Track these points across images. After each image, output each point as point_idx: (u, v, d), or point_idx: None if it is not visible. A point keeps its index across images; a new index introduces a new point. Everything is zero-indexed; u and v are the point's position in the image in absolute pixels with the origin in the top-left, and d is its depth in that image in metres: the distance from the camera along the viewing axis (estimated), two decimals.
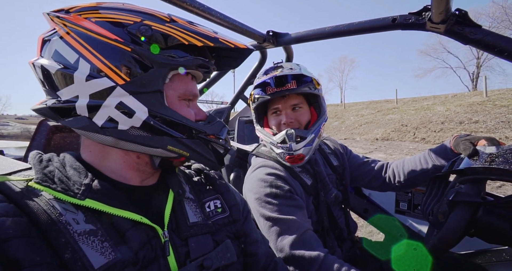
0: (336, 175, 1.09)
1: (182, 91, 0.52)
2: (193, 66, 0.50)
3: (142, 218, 0.45)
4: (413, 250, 1.04)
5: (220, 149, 0.55)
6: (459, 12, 0.79)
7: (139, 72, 0.45)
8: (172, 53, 0.47)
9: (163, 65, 0.46)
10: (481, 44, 0.81)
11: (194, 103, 0.57)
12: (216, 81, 1.64)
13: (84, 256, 0.38)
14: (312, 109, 1.02)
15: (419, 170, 1.01)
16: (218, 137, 0.53)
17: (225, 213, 0.61)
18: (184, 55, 0.48)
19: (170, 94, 0.50)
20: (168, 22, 0.48)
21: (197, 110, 0.56)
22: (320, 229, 0.97)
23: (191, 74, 0.55)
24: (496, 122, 7.74)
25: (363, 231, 2.53)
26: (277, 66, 1.00)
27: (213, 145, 0.53)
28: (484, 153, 0.70)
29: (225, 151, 0.56)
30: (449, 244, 0.69)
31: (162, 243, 0.47)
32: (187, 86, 0.53)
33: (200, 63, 0.51)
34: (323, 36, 1.17)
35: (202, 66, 0.52)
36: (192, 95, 0.54)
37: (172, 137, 0.48)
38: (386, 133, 9.80)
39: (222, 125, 0.56)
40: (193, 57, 0.49)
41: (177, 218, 0.52)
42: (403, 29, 0.98)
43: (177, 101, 0.51)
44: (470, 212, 0.66)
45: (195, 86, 0.56)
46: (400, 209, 1.41)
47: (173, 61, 0.47)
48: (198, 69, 0.53)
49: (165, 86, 0.49)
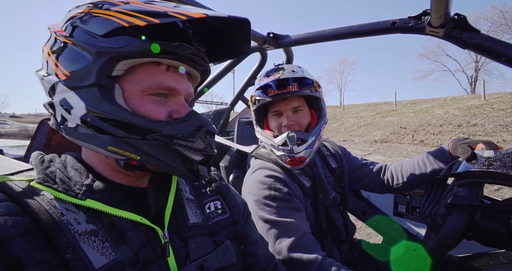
0: (334, 177, 1.10)
1: (147, 85, 0.44)
2: (143, 53, 0.41)
3: (142, 218, 0.45)
4: (413, 251, 1.04)
5: (192, 154, 0.44)
6: (458, 17, 0.80)
7: (79, 65, 0.42)
8: (115, 40, 0.41)
9: (100, 54, 0.41)
10: (479, 49, 0.82)
11: (176, 100, 0.48)
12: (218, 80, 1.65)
13: (85, 256, 0.38)
14: (312, 111, 1.02)
15: (417, 172, 1.01)
16: (186, 139, 0.43)
17: (225, 214, 0.61)
18: (130, 42, 0.41)
19: (129, 88, 0.44)
20: (118, 5, 0.42)
21: (177, 107, 0.47)
22: (318, 231, 0.97)
23: (167, 65, 0.46)
24: (494, 126, 7.78)
25: (361, 233, 2.54)
26: (278, 68, 1.00)
27: (179, 149, 0.43)
28: (482, 157, 0.71)
29: (205, 158, 0.46)
30: (447, 247, 0.69)
31: (162, 244, 0.46)
32: (154, 79, 0.45)
33: (148, 48, 0.41)
34: (323, 38, 1.18)
35: (163, 52, 0.42)
36: (165, 89, 0.46)
37: (115, 136, 0.42)
38: (385, 135, 9.83)
39: (198, 125, 0.45)
40: (140, 42, 0.41)
41: (177, 218, 0.52)
42: (402, 32, 0.99)
43: (139, 97, 0.44)
44: (468, 215, 0.66)
45: (173, 79, 0.46)
46: (398, 211, 1.41)
47: (111, 49, 0.40)
48: (161, 56, 0.43)
49: (123, 79, 0.43)
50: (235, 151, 1.38)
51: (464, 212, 0.66)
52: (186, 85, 0.49)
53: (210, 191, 0.63)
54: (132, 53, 0.41)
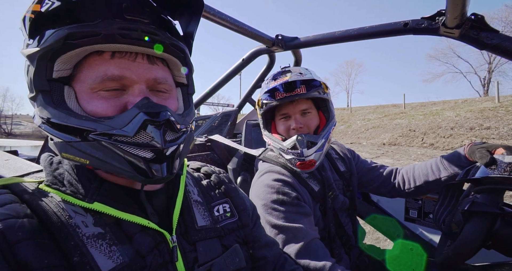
0: (343, 180, 1.07)
1: (91, 80, 0.39)
2: (60, 43, 0.36)
3: (149, 222, 0.44)
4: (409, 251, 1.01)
5: (139, 151, 0.38)
6: (475, 17, 0.78)
7: (28, 75, 0.40)
8: (41, 38, 0.37)
9: (31, 58, 0.38)
10: (498, 50, 0.79)
11: (133, 89, 0.41)
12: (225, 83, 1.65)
13: (93, 259, 0.37)
14: (320, 113, 1.01)
15: (430, 177, 0.98)
16: (122, 134, 0.37)
17: (234, 218, 0.59)
18: (48, 35, 0.37)
19: (79, 88, 0.40)
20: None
21: (132, 98, 0.41)
22: (327, 236, 0.95)
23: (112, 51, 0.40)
24: (508, 129, 7.51)
25: (369, 237, 2.48)
26: (285, 71, 0.99)
27: (121, 146, 0.37)
28: (503, 162, 0.68)
29: (156, 154, 0.39)
30: (464, 257, 0.66)
31: (170, 248, 0.46)
32: (98, 71, 0.39)
33: (67, 34, 0.36)
34: (333, 40, 1.16)
35: (80, 35, 0.36)
36: (111, 80, 0.39)
37: (63, 141, 0.39)
38: (393, 138, 9.64)
39: (135, 113, 0.38)
40: (55, 31, 0.36)
41: (185, 221, 0.51)
42: (415, 34, 0.97)
43: (88, 95, 0.40)
44: (487, 223, 0.63)
45: (118, 66, 0.40)
46: (410, 216, 1.37)
47: (35, 48, 0.37)
48: (84, 42, 0.37)
49: (74, 80, 0.40)
50: (242, 153, 1.38)
51: (484, 219, 0.63)
52: (141, 69, 0.42)
53: (219, 193, 0.62)
54: (52, 47, 0.37)
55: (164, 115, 0.39)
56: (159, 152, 0.39)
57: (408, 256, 0.94)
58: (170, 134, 0.41)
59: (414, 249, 0.95)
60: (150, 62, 0.43)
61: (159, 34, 0.42)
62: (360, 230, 1.11)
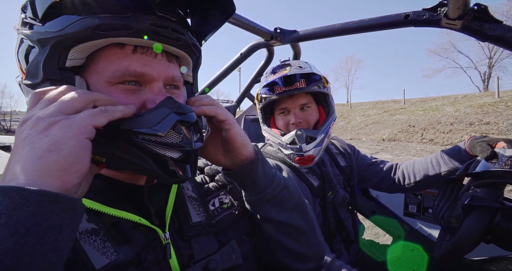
0: (343, 175, 1.07)
1: (110, 73, 0.38)
2: (87, 33, 0.35)
3: (140, 219, 0.43)
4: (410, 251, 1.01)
5: (166, 151, 0.36)
6: (478, 7, 0.76)
7: (30, 59, 0.37)
8: (55, 23, 0.35)
9: (42, 42, 0.36)
10: (501, 41, 0.77)
11: (151, 87, 0.41)
12: (223, 78, 1.63)
13: (85, 255, 0.36)
14: (320, 108, 1.00)
15: (430, 171, 0.97)
16: (152, 133, 0.36)
17: (233, 208, 0.58)
18: (70, 21, 0.35)
19: (94, 80, 0.38)
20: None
21: (151, 96, 0.40)
22: (327, 232, 0.94)
23: (134, 45, 0.39)
24: (508, 124, 7.52)
25: (368, 232, 2.49)
26: (285, 64, 0.98)
27: (147, 145, 0.36)
28: (504, 156, 0.67)
29: (184, 154, 0.38)
30: (463, 251, 0.66)
31: (163, 245, 0.44)
32: (118, 65, 0.38)
33: (97, 24, 0.34)
34: (332, 33, 1.14)
35: (110, 27, 0.35)
36: (132, 76, 0.39)
37: None
38: (393, 134, 9.64)
39: (167, 113, 0.37)
40: (82, 18, 0.35)
41: (179, 218, 0.50)
42: (416, 26, 0.95)
43: (104, 88, 0.38)
44: (487, 218, 0.62)
45: (140, 62, 0.39)
46: (409, 211, 1.37)
47: (51, 34, 0.35)
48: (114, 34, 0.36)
49: (87, 70, 0.39)
50: None
51: (483, 214, 0.63)
52: (161, 67, 0.41)
53: (214, 186, 0.61)
54: (76, 35, 0.35)
55: (192, 116, 0.40)
56: (188, 152, 0.39)
57: (409, 257, 0.94)
58: (195, 135, 0.41)
59: (415, 250, 0.95)
60: (168, 60, 0.43)
61: (185, 34, 0.42)
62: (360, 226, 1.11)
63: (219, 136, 0.52)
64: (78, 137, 0.30)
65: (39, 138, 0.29)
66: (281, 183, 0.54)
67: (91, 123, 0.32)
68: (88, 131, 0.31)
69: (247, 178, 0.52)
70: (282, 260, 0.57)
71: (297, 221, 0.55)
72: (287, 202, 0.54)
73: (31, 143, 0.29)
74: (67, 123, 0.30)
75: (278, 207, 0.54)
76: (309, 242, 0.57)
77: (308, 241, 0.57)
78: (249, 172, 0.51)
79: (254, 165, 0.51)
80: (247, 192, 0.55)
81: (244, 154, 0.50)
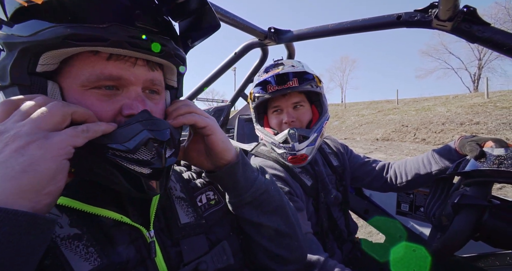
0: (336, 175, 1.07)
1: (85, 77, 0.36)
2: (59, 41, 0.33)
3: (122, 217, 0.41)
4: (412, 252, 1.02)
5: (136, 167, 0.36)
6: (468, 9, 0.77)
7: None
8: (24, 26, 0.33)
9: (9, 46, 0.34)
10: (489, 43, 0.78)
11: (129, 91, 0.39)
12: (217, 78, 1.62)
13: (66, 262, 0.35)
14: (313, 107, 1.00)
15: (422, 171, 0.99)
16: (124, 150, 0.35)
17: (220, 204, 0.58)
18: (42, 27, 0.33)
19: (67, 84, 0.37)
20: None
21: (129, 101, 0.39)
22: (320, 231, 0.95)
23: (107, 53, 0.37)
24: (497, 124, 7.71)
25: (362, 231, 2.52)
26: (277, 64, 0.98)
27: (118, 160, 0.35)
28: (492, 155, 0.68)
29: (154, 171, 0.37)
30: (453, 248, 0.67)
31: (147, 243, 0.44)
32: (93, 69, 0.36)
33: (69, 34, 0.32)
34: (326, 33, 1.14)
35: (85, 37, 0.33)
36: (108, 79, 0.37)
37: None
38: (386, 133, 9.78)
39: (140, 130, 0.36)
40: (53, 26, 0.32)
41: (167, 219, 0.49)
42: (408, 26, 0.96)
43: (79, 93, 0.37)
44: (475, 215, 0.64)
45: (117, 66, 0.38)
46: (401, 210, 1.39)
47: (20, 38, 0.33)
48: (87, 44, 0.35)
49: (60, 74, 0.37)
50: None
51: (472, 212, 0.64)
52: (139, 71, 0.40)
53: (201, 182, 0.60)
54: (46, 43, 0.33)
55: (166, 134, 0.39)
56: (159, 170, 0.38)
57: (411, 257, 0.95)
58: (168, 151, 0.40)
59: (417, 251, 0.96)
60: (149, 67, 0.42)
61: (167, 45, 0.40)
62: (352, 225, 1.12)
63: (201, 140, 0.52)
64: (56, 158, 0.29)
65: (14, 157, 0.28)
66: (262, 187, 0.54)
67: (71, 144, 0.31)
68: (67, 153, 0.30)
69: (227, 180, 0.52)
70: (263, 261, 0.58)
71: (277, 224, 0.56)
72: (267, 205, 0.55)
73: (4, 161, 0.27)
74: (46, 144, 0.29)
75: (258, 210, 0.54)
76: (290, 245, 0.57)
77: (289, 244, 0.57)
78: (230, 175, 0.51)
79: (235, 168, 0.51)
80: (228, 194, 0.56)
81: (226, 158, 0.51)
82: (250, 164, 0.57)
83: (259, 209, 0.54)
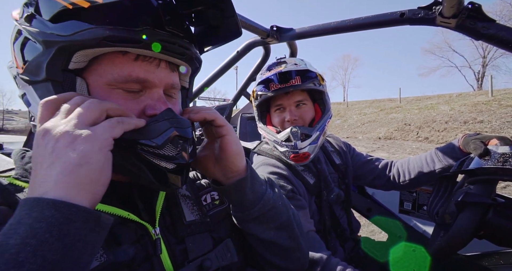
0: (338, 173, 1.07)
1: (112, 77, 0.39)
2: (96, 41, 0.35)
3: (129, 214, 0.42)
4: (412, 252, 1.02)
5: (162, 162, 0.39)
6: (472, 6, 0.76)
7: (31, 56, 0.38)
8: (64, 26, 0.36)
9: (48, 44, 0.36)
10: (494, 40, 0.78)
11: (152, 93, 0.42)
12: (219, 77, 1.62)
13: None
14: (316, 106, 1.00)
15: (425, 169, 0.98)
16: (151, 145, 0.37)
17: (224, 204, 0.58)
18: (81, 28, 0.35)
19: (93, 81, 0.39)
20: None
21: (152, 102, 0.42)
22: (322, 229, 0.95)
23: (137, 54, 0.40)
24: (501, 122, 7.63)
25: (365, 229, 2.52)
26: (280, 62, 0.97)
27: (144, 155, 0.38)
28: (497, 153, 0.68)
29: (177, 166, 0.40)
30: (456, 246, 0.67)
31: (153, 241, 0.44)
32: (121, 70, 0.39)
33: (107, 35, 0.35)
34: (328, 31, 1.14)
35: (121, 39, 0.36)
36: (135, 82, 0.40)
37: None
38: (389, 132, 9.72)
39: (166, 128, 0.39)
40: (94, 28, 0.35)
41: (173, 216, 0.49)
42: (411, 24, 0.95)
43: (105, 91, 0.39)
44: (479, 214, 0.63)
45: (143, 69, 0.40)
46: (404, 208, 1.39)
47: (60, 37, 0.35)
48: (122, 45, 0.37)
49: (87, 71, 0.39)
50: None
51: (476, 210, 0.64)
52: (163, 75, 0.43)
53: (206, 182, 0.61)
54: (84, 42, 0.36)
55: (190, 132, 0.42)
56: (182, 165, 0.41)
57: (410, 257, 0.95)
58: (190, 149, 0.43)
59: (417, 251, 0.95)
60: (171, 69, 0.45)
61: (191, 49, 0.44)
62: (355, 223, 1.12)
63: (213, 147, 0.52)
64: (102, 149, 0.32)
65: (66, 152, 0.30)
66: (270, 203, 0.52)
67: (111, 135, 0.33)
68: (109, 144, 0.33)
69: (234, 195, 0.51)
70: (263, 268, 0.58)
71: (283, 240, 0.54)
72: (274, 222, 0.53)
73: (60, 157, 0.30)
74: (91, 137, 0.31)
75: (264, 225, 0.53)
76: (293, 256, 0.57)
77: (292, 256, 0.57)
78: (238, 190, 0.50)
79: (243, 183, 0.50)
80: (233, 207, 0.54)
81: (237, 164, 0.49)
82: (258, 176, 0.55)
83: (265, 225, 0.53)
